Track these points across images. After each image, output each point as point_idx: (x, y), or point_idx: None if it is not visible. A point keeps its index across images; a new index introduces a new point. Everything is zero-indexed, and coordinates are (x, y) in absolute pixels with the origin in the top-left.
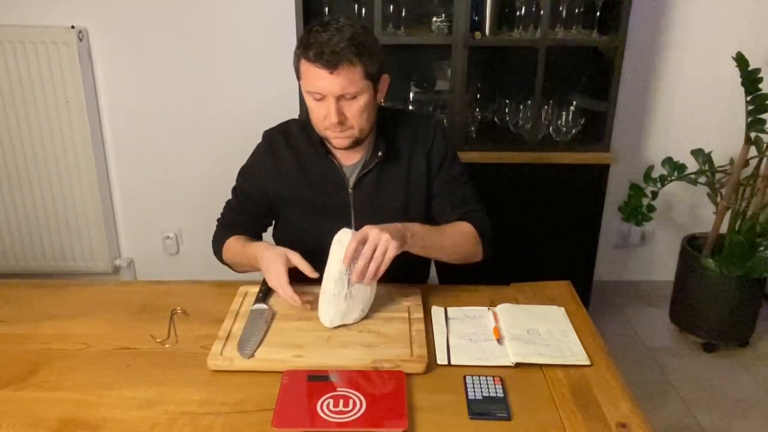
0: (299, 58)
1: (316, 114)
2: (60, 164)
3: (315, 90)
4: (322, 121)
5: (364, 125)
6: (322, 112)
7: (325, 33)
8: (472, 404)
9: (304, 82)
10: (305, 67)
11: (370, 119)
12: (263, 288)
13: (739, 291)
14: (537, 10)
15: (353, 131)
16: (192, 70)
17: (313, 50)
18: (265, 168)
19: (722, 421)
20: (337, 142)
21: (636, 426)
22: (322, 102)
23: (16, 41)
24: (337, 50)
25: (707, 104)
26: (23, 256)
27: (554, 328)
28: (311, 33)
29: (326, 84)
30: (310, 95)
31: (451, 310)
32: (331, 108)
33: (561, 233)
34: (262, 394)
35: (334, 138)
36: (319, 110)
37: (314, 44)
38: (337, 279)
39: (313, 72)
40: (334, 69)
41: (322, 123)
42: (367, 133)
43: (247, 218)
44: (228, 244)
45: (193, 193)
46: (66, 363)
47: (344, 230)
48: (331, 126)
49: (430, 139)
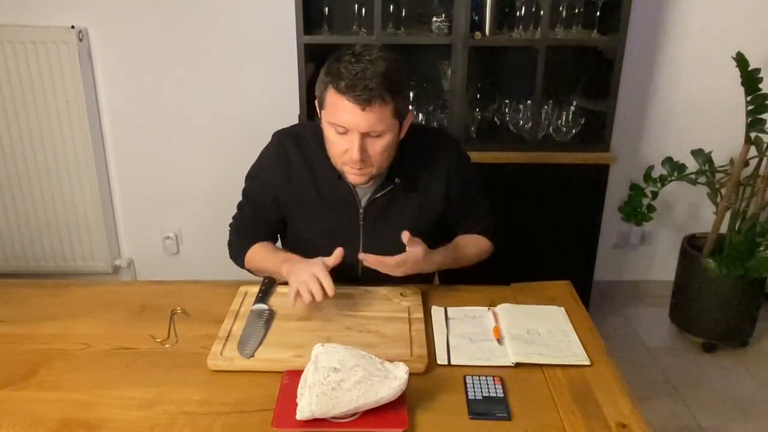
0: (326, 86)
1: (336, 147)
2: (60, 164)
3: (340, 123)
4: (340, 156)
5: (384, 164)
6: (343, 146)
7: (357, 64)
8: (472, 404)
9: (329, 113)
10: (333, 98)
11: (390, 157)
12: (263, 288)
13: (739, 291)
14: (537, 10)
15: (371, 169)
16: (192, 70)
17: (344, 82)
18: (276, 173)
19: (722, 421)
20: (353, 178)
21: (636, 426)
22: (345, 136)
23: (16, 41)
24: (371, 86)
25: (707, 104)
26: (23, 256)
27: (554, 328)
28: (342, 62)
29: (354, 119)
30: (332, 127)
31: (451, 310)
32: (354, 144)
33: (561, 233)
34: (262, 394)
35: (350, 174)
36: (340, 144)
37: (346, 75)
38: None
39: (342, 105)
40: (366, 105)
41: (341, 157)
42: (384, 170)
43: (263, 225)
44: (253, 252)
45: (193, 193)
46: (66, 363)
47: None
48: (350, 162)
49: (452, 162)
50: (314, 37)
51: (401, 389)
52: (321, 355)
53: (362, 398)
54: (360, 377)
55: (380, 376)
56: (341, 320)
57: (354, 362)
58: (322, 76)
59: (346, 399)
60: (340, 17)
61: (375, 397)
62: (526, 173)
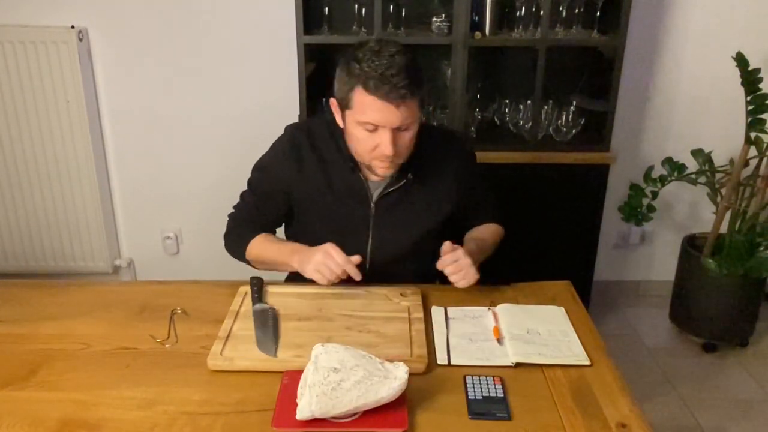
0: (352, 87)
1: (364, 144)
2: (60, 164)
3: (372, 122)
4: (370, 152)
5: (408, 154)
6: (373, 142)
7: (380, 60)
8: (472, 404)
9: (358, 113)
10: (362, 98)
11: (413, 146)
12: (254, 288)
13: (739, 291)
14: (537, 10)
15: (399, 160)
16: (192, 70)
17: (373, 81)
18: (288, 167)
19: (722, 421)
20: (383, 171)
21: (636, 426)
22: (375, 133)
23: (16, 41)
24: (402, 83)
25: (707, 104)
26: (23, 256)
27: (554, 328)
28: (364, 61)
29: (386, 116)
30: (361, 125)
31: (451, 310)
32: (388, 140)
33: (561, 233)
34: (262, 394)
35: (380, 167)
36: (369, 141)
37: (373, 74)
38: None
39: (373, 104)
40: (399, 102)
41: (371, 153)
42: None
43: (267, 216)
44: (256, 242)
45: (193, 193)
46: (66, 363)
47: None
48: (381, 157)
49: (461, 158)
50: (314, 37)
51: (401, 389)
52: (321, 355)
53: (362, 398)
54: (360, 377)
55: (380, 376)
56: (341, 320)
57: (354, 362)
58: (345, 77)
59: (346, 399)
60: (340, 17)
61: (375, 397)
62: (526, 173)
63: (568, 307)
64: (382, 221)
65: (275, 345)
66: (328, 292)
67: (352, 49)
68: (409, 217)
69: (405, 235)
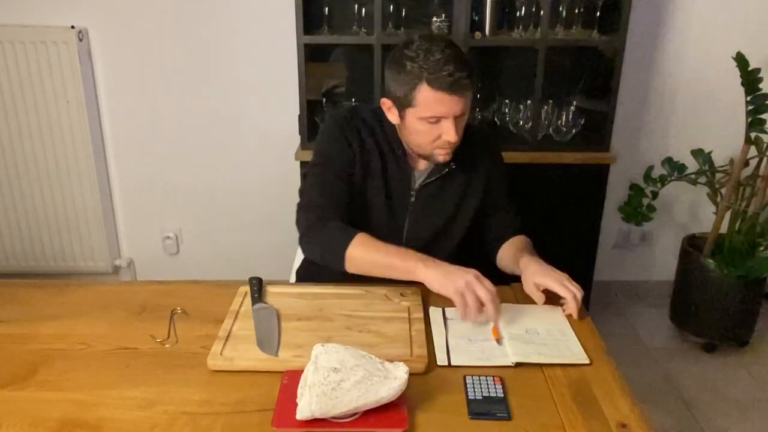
0: (415, 86)
1: (427, 136)
2: (60, 164)
3: (438, 115)
4: (432, 142)
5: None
6: (436, 133)
7: (432, 56)
8: (472, 404)
9: (422, 110)
10: (426, 95)
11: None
12: (254, 288)
13: (739, 291)
14: (537, 10)
15: (455, 144)
16: (192, 70)
17: (436, 77)
18: (349, 148)
19: (722, 421)
20: (445, 157)
21: (636, 426)
22: (436, 124)
23: (16, 41)
24: (461, 75)
25: (707, 104)
26: (23, 256)
27: (553, 328)
28: (419, 59)
29: (450, 108)
30: (424, 120)
31: (449, 311)
32: (452, 128)
33: (561, 233)
34: (262, 394)
35: (442, 154)
36: (431, 132)
37: (434, 71)
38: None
39: (439, 98)
40: (464, 93)
41: (433, 143)
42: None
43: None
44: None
45: (193, 193)
46: (66, 363)
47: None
48: (444, 144)
49: (493, 157)
50: (314, 37)
51: (401, 389)
52: (321, 355)
53: (362, 398)
54: (360, 377)
55: (380, 376)
56: (341, 320)
57: (354, 362)
58: (403, 77)
59: (346, 399)
60: (340, 17)
61: (375, 397)
62: (526, 173)
63: None
64: (420, 210)
65: (276, 344)
66: (328, 292)
67: (399, 49)
68: (444, 208)
69: (438, 224)
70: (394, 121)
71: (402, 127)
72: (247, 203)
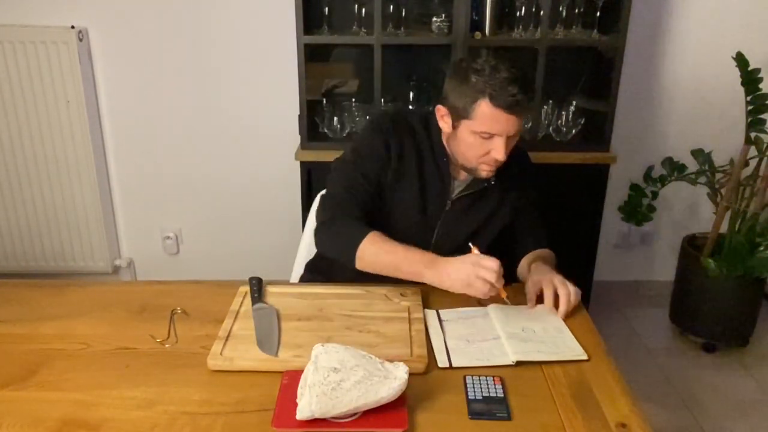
0: (475, 100)
1: (476, 150)
2: (60, 164)
3: (492, 131)
4: (479, 157)
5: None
6: (485, 148)
7: (499, 74)
8: (472, 404)
9: (478, 124)
10: (486, 111)
11: None
12: (254, 288)
13: (739, 291)
14: (537, 10)
15: (501, 162)
16: (192, 70)
17: (499, 95)
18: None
19: (722, 421)
20: (488, 173)
21: (636, 426)
22: (488, 140)
23: (16, 41)
24: (522, 97)
25: (707, 104)
26: (23, 256)
27: (548, 326)
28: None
29: (506, 126)
30: (477, 134)
31: (443, 312)
32: (502, 147)
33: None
34: (262, 394)
35: (486, 170)
36: (481, 147)
37: (498, 89)
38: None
39: (497, 116)
40: (520, 116)
41: (480, 158)
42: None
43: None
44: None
45: (193, 193)
46: (66, 363)
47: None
48: (491, 161)
49: (529, 175)
50: (314, 37)
51: (401, 389)
52: (321, 355)
53: (362, 398)
54: (360, 377)
55: (380, 376)
56: (341, 320)
57: (354, 362)
58: (466, 90)
59: (346, 399)
60: (340, 17)
61: (375, 397)
62: None
63: None
64: (452, 218)
65: (276, 344)
66: (328, 292)
67: (465, 61)
68: (475, 220)
69: (466, 236)
70: (446, 129)
71: (452, 137)
72: (247, 203)
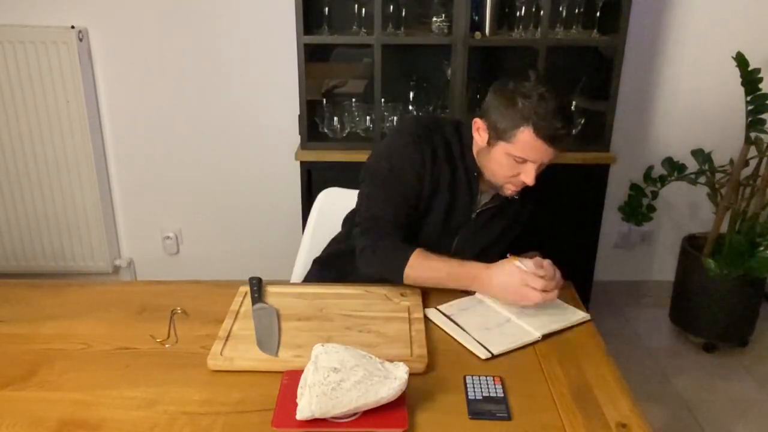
0: (518, 126)
1: (506, 171)
2: (60, 164)
3: (529, 159)
4: (508, 177)
5: None
6: (516, 171)
7: (546, 105)
8: (472, 404)
9: (517, 149)
10: (527, 138)
11: None
12: (255, 288)
13: (739, 291)
14: (537, 10)
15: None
16: (192, 70)
17: (543, 126)
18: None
19: (722, 421)
20: (512, 193)
21: (636, 426)
22: (521, 164)
23: (16, 41)
24: (565, 132)
25: (707, 104)
26: (23, 256)
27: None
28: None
29: (542, 156)
30: (511, 157)
31: (443, 308)
32: (533, 173)
33: (561, 233)
34: (262, 394)
35: (511, 190)
36: (512, 168)
37: (544, 119)
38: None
39: (538, 146)
40: (558, 148)
41: (510, 179)
42: None
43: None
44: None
45: (193, 193)
46: (66, 363)
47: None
48: (518, 183)
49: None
50: (314, 37)
51: (401, 389)
52: (321, 355)
53: (362, 398)
54: (360, 377)
55: (380, 376)
56: (341, 320)
57: (354, 362)
58: (511, 113)
59: (346, 399)
60: (340, 17)
61: (375, 397)
62: None
63: None
64: (473, 229)
65: (276, 344)
66: (328, 292)
67: (513, 83)
68: (493, 232)
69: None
70: (480, 143)
71: (484, 152)
72: (247, 203)
